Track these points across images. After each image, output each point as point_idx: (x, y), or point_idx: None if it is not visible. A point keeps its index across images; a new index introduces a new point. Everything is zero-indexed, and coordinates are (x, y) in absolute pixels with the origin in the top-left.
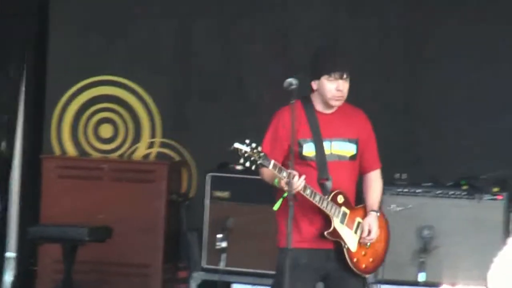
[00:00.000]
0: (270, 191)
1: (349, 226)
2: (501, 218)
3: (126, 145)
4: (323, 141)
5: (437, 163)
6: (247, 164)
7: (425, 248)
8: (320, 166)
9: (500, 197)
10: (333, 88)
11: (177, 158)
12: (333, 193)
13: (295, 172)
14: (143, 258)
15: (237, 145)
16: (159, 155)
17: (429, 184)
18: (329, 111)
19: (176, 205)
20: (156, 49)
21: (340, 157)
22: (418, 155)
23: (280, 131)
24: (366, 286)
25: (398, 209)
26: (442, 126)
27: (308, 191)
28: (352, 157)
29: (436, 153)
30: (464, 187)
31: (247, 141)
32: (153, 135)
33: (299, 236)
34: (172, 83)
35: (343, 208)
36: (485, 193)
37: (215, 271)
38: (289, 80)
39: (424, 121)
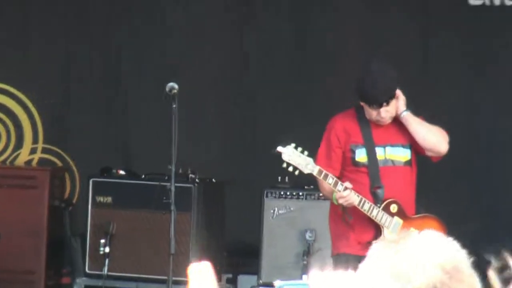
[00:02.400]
0: (153, 197)
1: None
2: None
3: (8, 151)
4: (375, 147)
5: None
6: (290, 169)
7: (308, 250)
8: (372, 172)
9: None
10: (374, 115)
11: (59, 163)
12: (385, 202)
13: (350, 185)
14: (26, 264)
15: (280, 149)
16: (42, 161)
17: (312, 187)
18: None
19: (59, 210)
20: (36, 55)
21: (395, 162)
22: None
23: (334, 140)
24: None
25: (280, 212)
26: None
27: (357, 201)
28: (407, 163)
29: None
30: None
31: (293, 144)
32: (35, 141)
33: (347, 243)
34: (53, 88)
35: (396, 218)
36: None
37: (99, 277)
38: (171, 84)
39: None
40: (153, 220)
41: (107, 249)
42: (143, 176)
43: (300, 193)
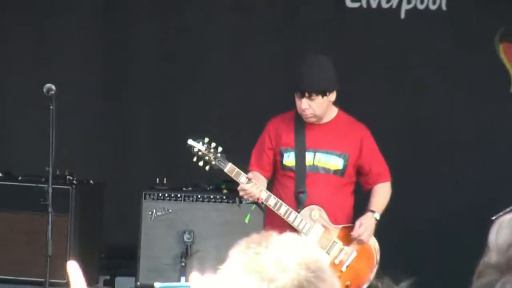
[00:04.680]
0: (30, 198)
1: (322, 245)
2: (261, 221)
3: None
4: (305, 151)
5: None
6: (200, 163)
7: (186, 252)
8: (298, 177)
9: (259, 201)
10: (299, 106)
11: None
12: (306, 208)
13: (251, 176)
14: None
15: (191, 142)
16: None
17: (190, 188)
18: (320, 122)
19: None
20: None
21: (323, 169)
22: (181, 160)
23: (266, 141)
24: None
25: (158, 213)
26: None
27: (271, 202)
28: (337, 172)
29: None
30: (224, 191)
31: (206, 140)
32: None
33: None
34: None
35: (317, 225)
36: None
37: None
38: (48, 85)
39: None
40: (30, 222)
41: None
42: (20, 178)
43: (179, 195)
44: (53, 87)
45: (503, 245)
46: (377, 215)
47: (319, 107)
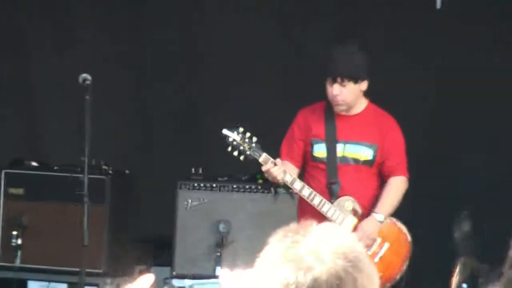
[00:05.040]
0: (65, 188)
1: None
2: (295, 211)
3: None
4: (336, 143)
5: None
6: (235, 153)
7: (221, 242)
8: (330, 168)
9: (294, 191)
10: (330, 92)
11: None
12: (339, 198)
13: (279, 161)
14: None
15: (226, 131)
16: None
17: (225, 178)
18: (350, 113)
19: None
20: None
21: (353, 160)
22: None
23: (296, 131)
24: None
25: (194, 203)
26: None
27: (305, 192)
28: (367, 162)
29: None
30: (260, 181)
31: (241, 129)
32: None
33: None
34: None
35: (350, 216)
36: (280, 186)
37: (10, 269)
38: (84, 75)
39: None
40: (66, 212)
41: (19, 241)
42: (55, 168)
43: (214, 185)
44: (89, 77)
45: None
46: (381, 217)
47: (350, 94)
